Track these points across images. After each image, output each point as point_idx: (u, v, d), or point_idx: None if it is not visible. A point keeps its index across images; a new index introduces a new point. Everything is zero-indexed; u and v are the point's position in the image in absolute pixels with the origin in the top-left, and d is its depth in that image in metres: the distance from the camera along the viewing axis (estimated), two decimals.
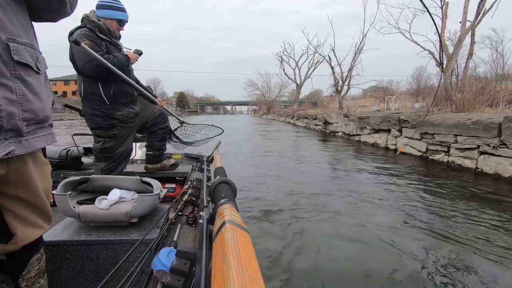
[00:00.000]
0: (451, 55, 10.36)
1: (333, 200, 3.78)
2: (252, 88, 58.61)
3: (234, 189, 0.81)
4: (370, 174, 5.28)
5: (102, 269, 1.17)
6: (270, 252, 2.39)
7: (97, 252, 1.18)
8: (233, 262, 0.40)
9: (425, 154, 6.74)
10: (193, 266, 0.72)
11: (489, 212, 3.25)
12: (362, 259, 2.31)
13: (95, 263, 1.18)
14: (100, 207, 1.27)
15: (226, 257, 0.42)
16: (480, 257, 2.29)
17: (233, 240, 0.47)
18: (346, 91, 22.50)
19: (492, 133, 4.93)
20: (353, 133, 11.11)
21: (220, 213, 0.61)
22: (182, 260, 0.73)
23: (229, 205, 0.64)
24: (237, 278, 0.36)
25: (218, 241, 0.51)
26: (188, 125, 2.94)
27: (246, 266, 0.39)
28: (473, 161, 5.36)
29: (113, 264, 1.13)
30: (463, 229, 2.80)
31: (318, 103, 36.38)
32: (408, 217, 3.15)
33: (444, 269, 2.15)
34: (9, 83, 0.68)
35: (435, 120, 6.43)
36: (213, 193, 0.79)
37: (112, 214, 1.26)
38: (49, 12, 0.82)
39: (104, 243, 1.18)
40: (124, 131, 2.06)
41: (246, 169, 5.82)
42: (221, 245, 0.48)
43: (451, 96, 8.82)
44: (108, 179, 1.49)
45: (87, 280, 1.17)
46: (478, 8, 9.73)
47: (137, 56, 2.18)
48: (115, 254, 1.18)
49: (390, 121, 8.41)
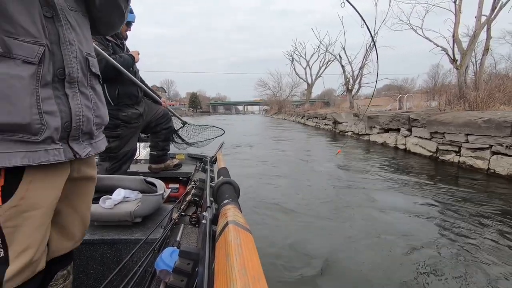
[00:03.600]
0: (465, 51, 10.12)
1: (339, 203, 3.75)
2: (263, 88, 58.69)
3: (238, 190, 0.81)
4: (377, 177, 5.22)
5: (106, 268, 1.19)
6: (273, 253, 2.39)
7: (101, 251, 1.19)
8: (236, 263, 0.41)
9: (435, 154, 6.63)
10: (196, 266, 0.73)
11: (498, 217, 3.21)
12: (371, 264, 2.26)
13: (99, 262, 1.19)
14: (104, 207, 1.28)
15: (229, 258, 0.42)
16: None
17: (236, 240, 0.48)
18: (357, 90, 22.29)
19: (505, 132, 4.82)
20: (362, 132, 11.01)
21: (223, 214, 0.62)
22: (185, 260, 0.74)
23: (232, 205, 0.65)
24: (240, 279, 0.37)
25: (221, 241, 0.52)
26: (190, 126, 2.98)
27: (249, 266, 0.40)
28: (485, 162, 5.25)
29: (117, 263, 1.14)
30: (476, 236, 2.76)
31: (331, 103, 36.07)
32: (420, 224, 3.08)
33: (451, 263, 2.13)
34: (87, 92, 0.75)
35: (445, 118, 6.33)
36: (216, 193, 0.79)
37: (116, 214, 1.27)
38: (106, 27, 0.89)
39: (108, 243, 1.20)
40: (128, 131, 2.10)
41: (250, 169, 5.83)
42: (224, 245, 0.48)
43: (464, 94, 8.64)
44: (112, 179, 1.51)
45: (91, 279, 1.19)
46: (494, 1, 9.48)
47: (138, 53, 2.23)
48: (119, 253, 1.20)
49: (399, 120, 8.30)
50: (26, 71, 0.60)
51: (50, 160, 0.64)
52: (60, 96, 0.67)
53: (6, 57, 0.58)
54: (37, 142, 0.61)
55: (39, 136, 0.61)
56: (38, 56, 0.62)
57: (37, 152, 0.61)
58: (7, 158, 0.58)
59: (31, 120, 0.60)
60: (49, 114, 0.63)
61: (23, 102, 0.59)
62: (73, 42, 0.70)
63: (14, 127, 0.58)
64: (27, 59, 0.60)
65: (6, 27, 0.59)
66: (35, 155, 0.61)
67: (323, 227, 2.95)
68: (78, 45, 0.72)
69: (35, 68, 0.61)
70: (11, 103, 0.57)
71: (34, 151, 0.61)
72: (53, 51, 0.66)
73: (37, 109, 0.61)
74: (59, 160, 0.66)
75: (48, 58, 0.64)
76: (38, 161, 0.61)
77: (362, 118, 10.85)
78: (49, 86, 0.64)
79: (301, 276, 2.10)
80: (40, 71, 0.62)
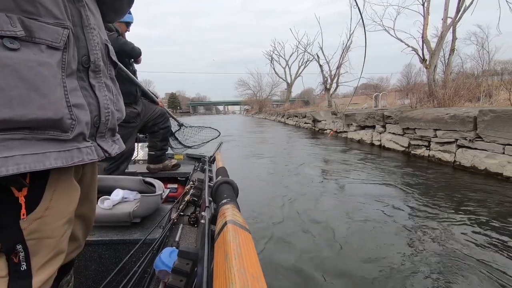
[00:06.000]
0: (433, 51, 10.75)
1: (327, 199, 3.86)
2: (243, 87, 57.60)
3: (236, 190, 0.80)
4: (356, 171, 5.43)
5: (105, 269, 1.16)
6: (272, 252, 2.34)
7: (100, 252, 1.17)
8: (235, 262, 0.40)
9: (408, 149, 6.90)
10: (195, 266, 0.72)
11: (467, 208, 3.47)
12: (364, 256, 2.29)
13: (97, 263, 1.16)
14: (102, 207, 1.26)
15: (228, 257, 0.42)
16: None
17: (235, 240, 0.47)
18: (335, 89, 22.90)
19: (469, 126, 5.08)
20: (340, 130, 11.30)
21: (222, 213, 0.62)
22: (184, 260, 0.72)
23: (231, 205, 0.64)
24: (239, 278, 0.36)
25: (220, 241, 0.51)
26: (187, 127, 2.96)
27: (248, 266, 0.40)
28: (452, 155, 5.51)
29: (116, 264, 1.11)
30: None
31: (310, 101, 36.65)
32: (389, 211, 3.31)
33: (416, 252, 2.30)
34: (108, 82, 0.66)
35: (416, 115, 6.56)
36: (215, 193, 0.78)
37: (115, 214, 1.25)
38: (114, 12, 0.78)
39: (107, 243, 1.17)
40: (126, 130, 2.06)
41: (243, 170, 5.93)
42: (223, 245, 0.48)
43: (433, 91, 9.20)
44: (110, 179, 1.48)
45: (90, 280, 1.16)
46: (458, 5, 10.14)
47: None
48: (118, 254, 1.17)
49: (374, 118, 8.57)
50: (52, 57, 0.51)
51: (85, 159, 0.56)
52: (86, 87, 0.58)
53: (28, 41, 0.48)
54: (68, 140, 0.53)
55: (70, 133, 0.53)
56: (63, 40, 0.53)
57: (70, 151, 0.53)
58: (41, 160, 0.48)
59: (63, 114, 0.51)
60: (78, 107, 0.55)
61: (54, 94, 0.50)
62: (94, 26, 0.61)
63: (45, 123, 0.49)
64: (52, 43, 0.51)
65: (24, 6, 0.49)
66: (68, 155, 0.53)
67: (321, 223, 2.98)
68: (98, 30, 0.63)
69: (60, 54, 0.52)
70: (42, 95, 0.48)
71: (67, 150, 0.53)
72: (77, 35, 0.57)
73: (65, 102, 0.52)
74: (93, 159, 0.58)
75: (72, 43, 0.55)
76: (72, 162, 0.53)
77: (340, 116, 11.24)
78: (74, 76, 0.56)
79: (301, 273, 2.07)
80: (65, 58, 0.53)
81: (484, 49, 23.05)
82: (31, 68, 0.47)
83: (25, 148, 0.47)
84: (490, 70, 15.76)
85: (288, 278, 2.01)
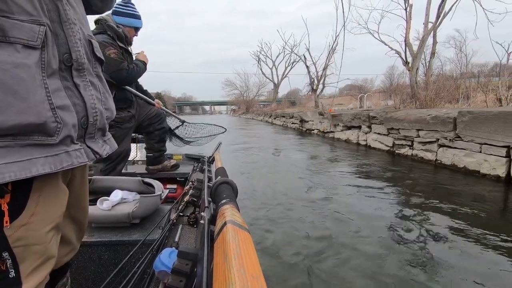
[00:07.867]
0: (415, 54, 11.14)
1: (323, 199, 3.87)
2: (230, 87, 56.19)
3: (235, 190, 0.79)
4: (343, 170, 5.58)
5: (104, 270, 1.14)
6: (271, 252, 2.35)
7: (99, 253, 1.15)
8: (234, 262, 0.40)
9: (392, 149, 7.06)
10: (194, 266, 0.71)
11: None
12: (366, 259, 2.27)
13: (97, 264, 1.14)
14: (102, 208, 1.24)
15: (228, 257, 0.42)
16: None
17: (234, 240, 0.47)
18: (321, 90, 23.24)
19: (449, 127, 5.26)
20: (327, 130, 11.48)
21: (221, 214, 0.61)
22: (184, 261, 0.72)
23: (230, 205, 0.64)
24: (239, 278, 0.36)
25: (220, 241, 0.51)
26: (189, 124, 2.91)
27: (248, 266, 0.39)
28: (433, 154, 5.67)
29: (115, 265, 1.09)
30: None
31: (297, 102, 36.93)
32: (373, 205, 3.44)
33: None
34: (94, 81, 0.62)
35: (399, 116, 6.73)
36: (214, 193, 0.77)
37: (114, 215, 1.23)
38: (103, 2, 0.74)
39: (106, 244, 1.15)
40: (121, 131, 2.05)
41: (245, 169, 5.94)
42: (222, 245, 0.48)
43: (416, 93, 9.55)
44: (109, 180, 1.46)
45: (89, 281, 1.14)
46: (438, 10, 10.57)
47: (145, 55, 2.21)
48: (117, 255, 1.15)
49: (360, 118, 8.72)
50: (29, 58, 0.47)
51: (74, 163, 0.53)
52: (70, 87, 0.55)
53: (2, 41, 0.45)
54: (55, 144, 0.50)
55: (56, 137, 0.50)
56: (40, 38, 0.49)
57: (58, 156, 0.51)
58: (27, 167, 0.46)
59: (46, 118, 0.48)
60: (63, 109, 0.51)
61: (34, 96, 0.46)
62: (75, 21, 0.57)
63: (27, 128, 0.46)
64: (28, 42, 0.47)
65: None
66: (56, 160, 0.50)
67: (320, 224, 3.00)
68: (80, 25, 0.59)
69: (39, 53, 0.49)
70: (20, 99, 0.45)
71: (55, 155, 0.50)
72: (55, 31, 0.53)
73: (48, 104, 0.49)
74: (83, 162, 0.56)
75: (51, 41, 0.51)
76: (61, 166, 0.51)
77: (327, 117, 11.45)
78: (56, 76, 0.52)
79: (300, 273, 2.07)
80: (45, 58, 0.49)
81: (462, 53, 24.01)
82: (6, 71, 0.44)
83: (9, 156, 0.45)
84: (467, 73, 16.40)
85: (287, 279, 2.00)
